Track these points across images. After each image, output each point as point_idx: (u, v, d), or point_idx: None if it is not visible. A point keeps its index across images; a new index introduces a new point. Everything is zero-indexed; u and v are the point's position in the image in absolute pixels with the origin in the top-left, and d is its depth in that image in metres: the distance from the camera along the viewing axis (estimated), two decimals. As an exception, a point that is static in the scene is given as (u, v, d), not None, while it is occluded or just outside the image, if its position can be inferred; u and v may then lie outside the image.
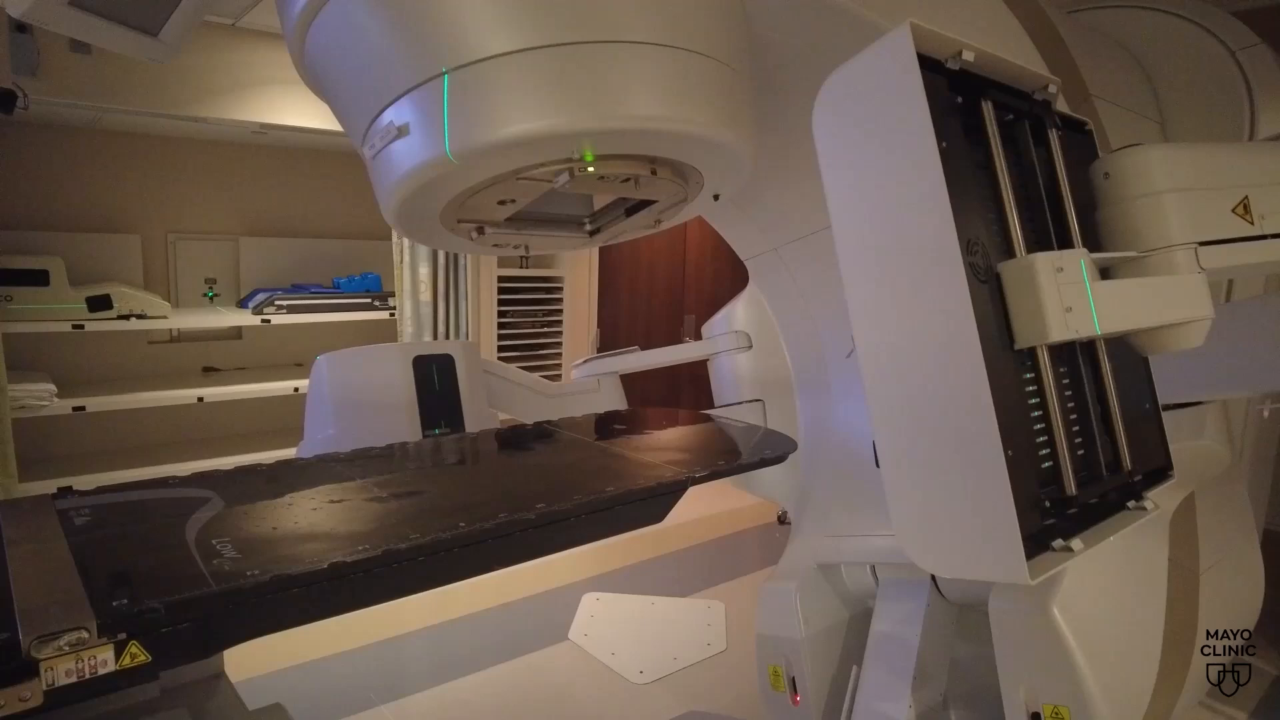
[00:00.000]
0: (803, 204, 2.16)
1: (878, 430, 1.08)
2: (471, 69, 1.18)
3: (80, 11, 1.45)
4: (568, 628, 3.17)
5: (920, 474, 1.06)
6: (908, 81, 0.99)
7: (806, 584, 2.11)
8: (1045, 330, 1.06)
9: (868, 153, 1.05)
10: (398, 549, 0.94)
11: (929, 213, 0.99)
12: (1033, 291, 1.06)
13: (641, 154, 1.32)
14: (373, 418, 2.09)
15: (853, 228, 1.07)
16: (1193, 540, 1.94)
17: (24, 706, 0.70)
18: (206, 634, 0.83)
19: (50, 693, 0.72)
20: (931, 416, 1.04)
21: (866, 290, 1.07)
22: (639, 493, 1.20)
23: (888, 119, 1.02)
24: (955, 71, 1.10)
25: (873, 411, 1.08)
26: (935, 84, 1.03)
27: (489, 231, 1.51)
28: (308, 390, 2.21)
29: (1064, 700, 1.62)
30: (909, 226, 1.02)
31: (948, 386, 1.01)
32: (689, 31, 1.27)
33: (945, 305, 1.00)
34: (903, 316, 1.05)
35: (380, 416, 2.10)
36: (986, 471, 1.00)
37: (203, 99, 3.33)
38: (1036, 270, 1.07)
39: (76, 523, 1.04)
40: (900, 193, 1.02)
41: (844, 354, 2.25)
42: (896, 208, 1.03)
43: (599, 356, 2.68)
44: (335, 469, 1.36)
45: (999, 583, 1.72)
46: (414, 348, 2.21)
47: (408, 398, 2.13)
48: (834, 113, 1.06)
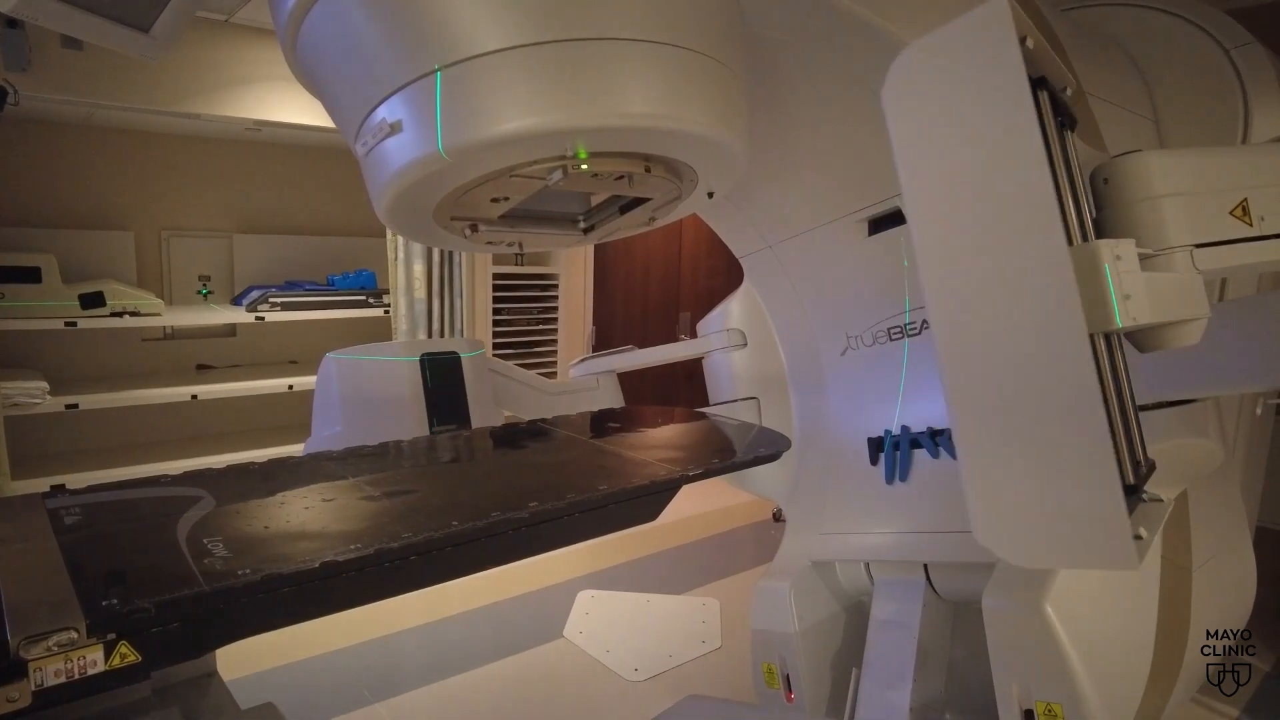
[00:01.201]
0: (798, 201, 2.16)
1: (958, 419, 1.01)
2: (464, 66, 1.18)
3: (71, 7, 1.44)
4: (563, 625, 3.17)
5: (1011, 463, 1.00)
6: (1007, 53, 0.93)
7: (800, 581, 2.11)
8: (1109, 317, 1.03)
9: (955, 126, 0.99)
10: (390, 548, 0.94)
11: (1029, 189, 0.94)
12: (1097, 278, 1.03)
13: (635, 152, 1.32)
14: (381, 415, 2.11)
15: (933, 203, 1.01)
16: (1185, 537, 1.94)
17: (12, 707, 0.69)
18: (197, 634, 0.82)
19: (39, 693, 0.72)
20: (1026, 402, 0.98)
21: (949, 269, 1.00)
22: (633, 491, 1.20)
23: (981, 91, 0.96)
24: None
25: (952, 399, 1.01)
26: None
27: (482, 229, 1.51)
28: (315, 388, 2.23)
29: (1057, 698, 1.63)
30: (1005, 203, 0.96)
31: (1046, 369, 0.96)
32: (683, 29, 1.27)
33: (1047, 281, 0.94)
34: (995, 295, 0.98)
35: (388, 414, 2.12)
36: (1092, 457, 0.96)
37: (196, 95, 3.32)
38: (1101, 256, 1.04)
39: (67, 522, 1.04)
40: (995, 168, 0.97)
41: (838, 351, 2.25)
42: (990, 183, 0.97)
43: (596, 355, 2.69)
44: (327, 467, 1.36)
45: (997, 580, 1.72)
46: (421, 345, 2.24)
47: (415, 395, 2.14)
48: (914, 84, 1.00)
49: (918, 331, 2.03)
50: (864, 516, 2.12)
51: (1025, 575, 1.68)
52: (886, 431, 2.10)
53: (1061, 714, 1.63)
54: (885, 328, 2.10)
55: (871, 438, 2.14)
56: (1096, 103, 1.98)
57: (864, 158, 1.91)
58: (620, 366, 2.66)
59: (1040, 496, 1.00)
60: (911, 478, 2.04)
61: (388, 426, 1.95)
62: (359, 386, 2.15)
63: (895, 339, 2.09)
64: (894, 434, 2.08)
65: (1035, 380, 0.97)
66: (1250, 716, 2.61)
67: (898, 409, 2.09)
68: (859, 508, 2.14)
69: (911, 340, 2.05)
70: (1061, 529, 1.01)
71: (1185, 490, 1.93)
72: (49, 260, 3.36)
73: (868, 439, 2.15)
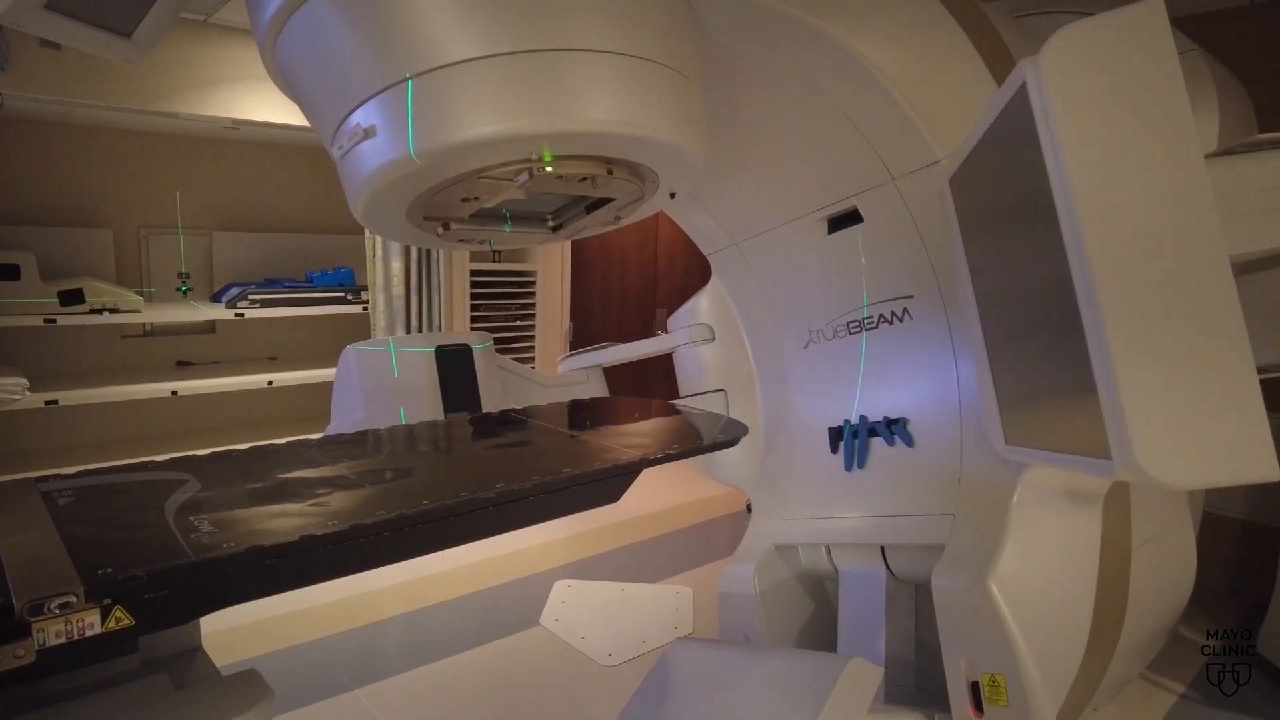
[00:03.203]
0: (760, 201, 2.25)
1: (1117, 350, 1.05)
2: (435, 74, 1.26)
3: (55, 14, 1.50)
4: (539, 614, 3.24)
5: (1171, 384, 1.06)
6: (1164, 44, 1.05)
7: (764, 563, 2.21)
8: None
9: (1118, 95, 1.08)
10: (364, 524, 1.02)
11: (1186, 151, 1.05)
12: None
13: (597, 155, 1.40)
14: (399, 403, 2.26)
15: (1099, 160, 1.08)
16: (1126, 519, 2.05)
17: (19, 663, 0.77)
18: (186, 600, 0.90)
19: (42, 652, 0.79)
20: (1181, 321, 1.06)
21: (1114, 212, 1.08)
22: (594, 474, 1.29)
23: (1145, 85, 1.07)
24: None
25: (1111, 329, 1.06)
26: None
27: (454, 227, 1.58)
28: (335, 378, 2.38)
29: (1000, 669, 1.73)
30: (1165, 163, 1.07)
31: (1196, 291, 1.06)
32: (642, 41, 1.35)
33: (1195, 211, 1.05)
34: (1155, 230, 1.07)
35: (406, 402, 2.27)
36: (1240, 373, 1.05)
37: (175, 94, 3.35)
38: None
39: (60, 503, 1.10)
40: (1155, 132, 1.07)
41: (801, 345, 2.35)
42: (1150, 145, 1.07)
43: (579, 352, 2.80)
44: (308, 454, 1.43)
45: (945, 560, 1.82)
46: (435, 338, 2.40)
47: (431, 384, 2.30)
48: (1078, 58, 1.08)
49: (875, 326, 2.12)
50: (825, 502, 2.22)
51: (972, 555, 1.78)
52: (846, 421, 2.20)
53: (1003, 684, 1.73)
54: (845, 322, 2.20)
55: (832, 427, 2.23)
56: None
57: (821, 159, 2.00)
58: (599, 362, 2.77)
59: (1194, 415, 1.06)
60: (869, 465, 2.14)
61: (406, 413, 2.09)
62: (378, 376, 2.31)
63: (854, 333, 2.18)
64: (853, 423, 2.18)
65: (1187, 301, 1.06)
66: (1196, 691, 2.73)
67: (856, 399, 2.19)
68: (820, 494, 2.24)
69: (869, 334, 2.14)
70: (1219, 445, 1.06)
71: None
72: (27, 258, 3.38)
73: (828, 428, 2.24)
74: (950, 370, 1.95)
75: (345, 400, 2.33)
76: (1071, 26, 1.07)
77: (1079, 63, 1.06)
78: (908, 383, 2.06)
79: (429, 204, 1.45)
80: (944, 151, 1.80)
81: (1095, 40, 1.06)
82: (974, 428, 1.87)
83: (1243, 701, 2.66)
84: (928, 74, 1.78)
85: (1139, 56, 1.06)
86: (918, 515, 2.00)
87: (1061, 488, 1.85)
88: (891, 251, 2.00)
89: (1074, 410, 1.25)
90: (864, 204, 2.01)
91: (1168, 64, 1.05)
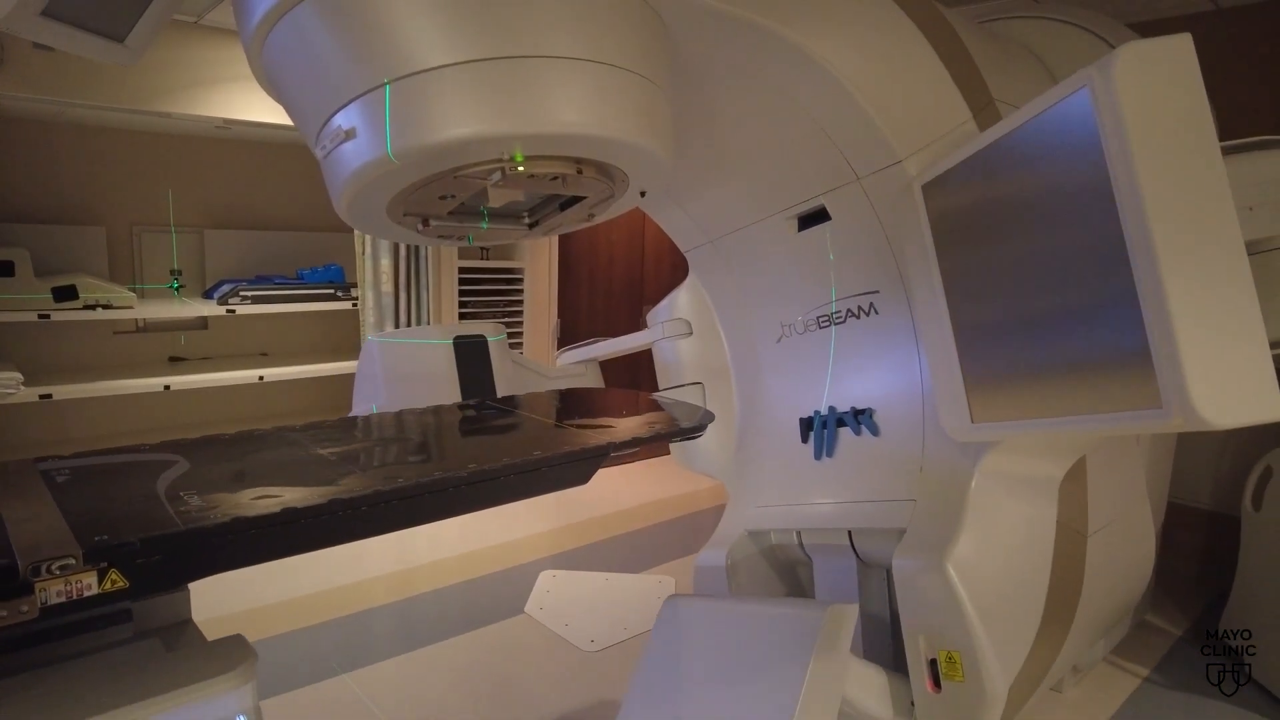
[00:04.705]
0: (734, 200, 2.33)
1: (1175, 312, 1.24)
2: (411, 80, 1.33)
3: (52, 21, 1.57)
4: (525, 602, 3.32)
5: (1210, 342, 1.25)
6: (1193, 69, 1.29)
7: (737, 547, 2.30)
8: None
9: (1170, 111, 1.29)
10: (342, 498, 1.09)
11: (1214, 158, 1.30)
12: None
13: (567, 155, 1.48)
14: (419, 391, 2.37)
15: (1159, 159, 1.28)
16: (1082, 504, 2.13)
17: (24, 617, 0.84)
18: (176, 566, 0.97)
19: (45, 609, 0.87)
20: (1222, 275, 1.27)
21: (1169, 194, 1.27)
22: (562, 456, 1.36)
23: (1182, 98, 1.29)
24: None
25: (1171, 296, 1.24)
26: None
27: (434, 223, 1.66)
28: (357, 368, 2.54)
29: (956, 646, 1.82)
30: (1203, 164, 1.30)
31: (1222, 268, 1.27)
32: (609, 48, 1.43)
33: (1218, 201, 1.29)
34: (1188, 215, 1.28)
35: (426, 391, 2.38)
36: (1255, 330, 1.26)
37: (167, 94, 3.42)
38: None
39: (58, 480, 1.18)
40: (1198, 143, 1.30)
41: (774, 339, 2.43)
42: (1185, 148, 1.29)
43: (574, 346, 2.93)
44: (292, 437, 1.51)
45: (906, 543, 1.91)
46: (453, 329, 2.54)
47: (449, 373, 2.43)
48: (1136, 79, 1.27)
49: (843, 320, 2.20)
50: (795, 489, 2.30)
51: (931, 538, 1.86)
52: (816, 412, 2.28)
53: (959, 660, 1.82)
54: (815, 316, 2.28)
55: (802, 418, 2.32)
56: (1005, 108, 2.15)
57: (789, 159, 2.08)
58: (594, 355, 2.88)
59: (1227, 366, 1.25)
60: (837, 453, 2.22)
61: (425, 401, 2.22)
62: (399, 366, 2.45)
63: (824, 327, 2.26)
64: (822, 414, 2.26)
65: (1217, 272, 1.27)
66: (1159, 674, 2.83)
67: (826, 391, 2.27)
68: (791, 482, 2.32)
69: (838, 328, 2.22)
70: (1247, 386, 1.26)
71: (1084, 458, 2.12)
72: (22, 254, 3.45)
73: (799, 419, 2.33)
74: (914, 362, 2.03)
75: (367, 389, 2.47)
76: (1132, 47, 1.29)
77: (1139, 77, 1.27)
78: (874, 374, 2.15)
79: (408, 201, 1.53)
80: (906, 152, 1.89)
81: (1150, 60, 1.28)
82: (936, 417, 1.96)
83: (1204, 682, 2.76)
84: (888, 77, 1.86)
85: (1179, 75, 1.29)
86: (882, 501, 2.08)
87: (1018, 474, 1.94)
88: (858, 248, 2.09)
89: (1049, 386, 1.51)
90: (831, 203, 2.09)
91: (1197, 84, 1.30)
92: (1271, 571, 2.70)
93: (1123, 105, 1.26)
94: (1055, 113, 1.42)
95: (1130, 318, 1.30)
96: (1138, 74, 1.27)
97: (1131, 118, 1.26)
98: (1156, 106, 1.28)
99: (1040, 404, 1.56)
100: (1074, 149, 1.37)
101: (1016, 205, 1.56)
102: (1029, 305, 1.55)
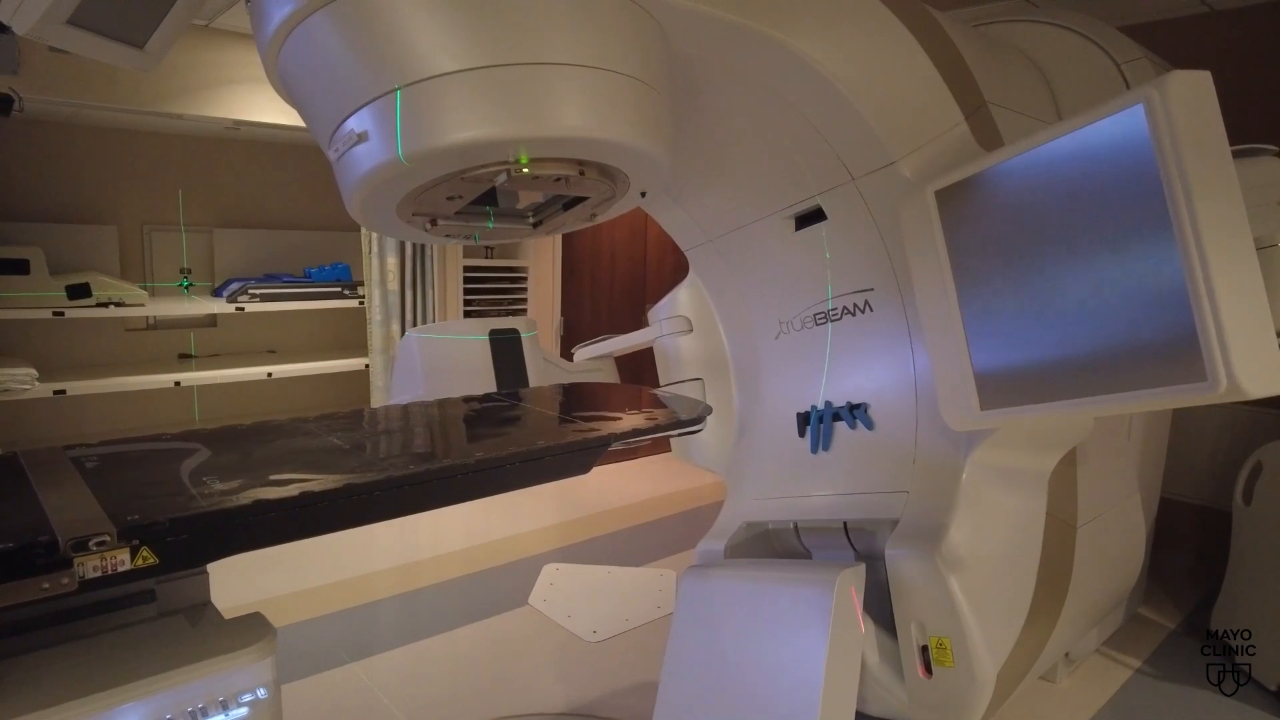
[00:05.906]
0: (732, 200, 2.39)
1: (1218, 284, 1.40)
2: (421, 85, 1.39)
3: (76, 29, 1.64)
4: (529, 594, 3.39)
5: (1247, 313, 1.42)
6: (1214, 100, 1.48)
7: (735, 537, 2.35)
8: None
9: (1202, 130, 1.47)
10: (357, 483, 1.16)
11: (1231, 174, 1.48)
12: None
13: (569, 158, 1.54)
14: (456, 384, 2.46)
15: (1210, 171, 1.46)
16: (1071, 497, 2.19)
17: (64, 589, 0.91)
18: (202, 544, 1.04)
19: (83, 582, 0.93)
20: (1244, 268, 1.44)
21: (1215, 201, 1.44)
22: (564, 446, 1.43)
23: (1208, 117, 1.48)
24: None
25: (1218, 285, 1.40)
26: None
27: (441, 223, 1.72)
28: (395, 360, 2.68)
29: (947, 633, 1.88)
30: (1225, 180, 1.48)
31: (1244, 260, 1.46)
32: (611, 54, 1.49)
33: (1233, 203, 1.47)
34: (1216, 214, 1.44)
35: (463, 382, 2.48)
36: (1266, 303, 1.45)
37: (179, 96, 3.49)
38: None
39: (88, 466, 1.25)
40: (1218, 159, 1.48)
41: (772, 336, 2.49)
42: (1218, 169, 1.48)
43: (590, 343, 3.02)
44: (307, 427, 1.57)
45: (899, 533, 1.96)
46: (489, 323, 2.63)
47: (485, 367, 2.54)
48: (1183, 101, 1.45)
49: (839, 317, 2.26)
50: (792, 482, 2.36)
51: (923, 528, 1.92)
52: (812, 407, 2.34)
53: (950, 647, 1.88)
54: (812, 314, 2.34)
55: (799, 412, 2.38)
56: (999, 110, 2.21)
57: (786, 160, 2.14)
58: (608, 350, 2.97)
59: (1257, 343, 1.41)
60: (833, 447, 2.28)
61: (462, 391, 2.29)
62: (437, 360, 2.55)
63: (820, 324, 2.32)
64: (819, 409, 2.32)
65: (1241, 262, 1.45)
66: (1151, 666, 2.89)
67: (822, 386, 2.33)
68: (788, 475, 2.38)
69: (834, 325, 2.28)
70: (1271, 362, 1.42)
71: (1074, 451, 2.17)
72: (36, 253, 3.53)
73: (796, 414, 2.39)
74: (907, 358, 2.09)
75: (406, 382, 2.57)
76: (1177, 75, 1.47)
77: (1184, 97, 1.45)
78: (869, 370, 2.20)
79: (417, 202, 1.59)
80: (899, 154, 1.94)
81: (1188, 85, 1.47)
82: (928, 412, 2.01)
83: (1195, 674, 2.81)
84: (882, 81, 1.92)
85: (1204, 98, 1.48)
86: (876, 493, 2.14)
87: (1008, 467, 1.99)
88: (853, 247, 2.14)
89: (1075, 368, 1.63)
90: (827, 203, 2.15)
91: (1216, 107, 1.49)
92: (1262, 565, 2.76)
93: (1176, 118, 1.44)
94: (1108, 124, 1.56)
95: (1178, 303, 1.45)
96: (1183, 95, 1.45)
97: (1183, 130, 1.43)
98: (1195, 122, 1.46)
99: (1060, 386, 1.67)
100: (1125, 156, 1.53)
101: (1057, 206, 1.66)
102: (1065, 296, 1.65)
